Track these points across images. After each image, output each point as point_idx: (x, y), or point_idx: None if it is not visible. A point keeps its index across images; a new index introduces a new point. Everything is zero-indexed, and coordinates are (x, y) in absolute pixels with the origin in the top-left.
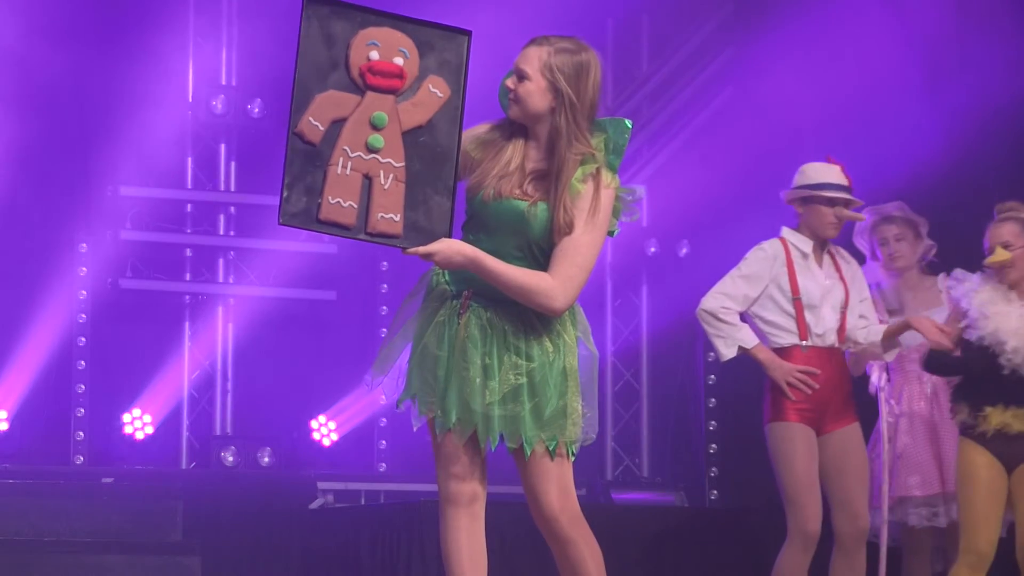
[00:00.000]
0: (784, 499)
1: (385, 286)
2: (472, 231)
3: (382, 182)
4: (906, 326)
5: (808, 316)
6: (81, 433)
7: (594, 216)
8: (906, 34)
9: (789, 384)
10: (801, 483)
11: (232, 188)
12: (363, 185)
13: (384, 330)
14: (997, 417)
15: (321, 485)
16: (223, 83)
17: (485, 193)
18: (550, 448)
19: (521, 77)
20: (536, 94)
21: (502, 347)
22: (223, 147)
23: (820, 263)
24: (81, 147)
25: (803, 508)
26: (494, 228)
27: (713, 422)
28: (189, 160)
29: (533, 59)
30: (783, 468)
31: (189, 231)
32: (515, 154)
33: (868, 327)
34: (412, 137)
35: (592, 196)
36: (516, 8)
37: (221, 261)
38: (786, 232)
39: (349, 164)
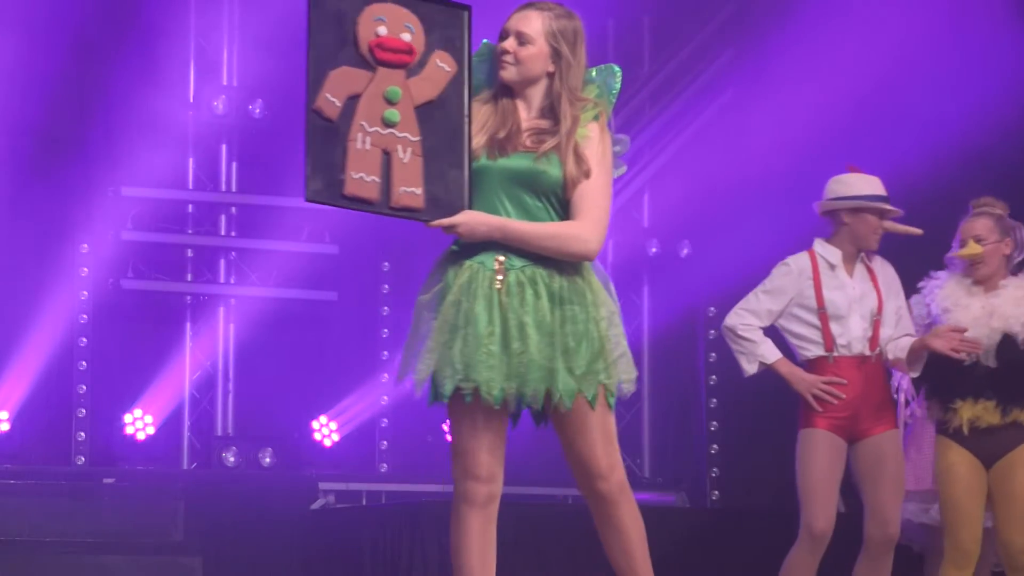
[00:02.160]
0: (799, 500)
1: (386, 286)
2: (481, 198)
3: (401, 156)
4: (923, 346)
5: (834, 327)
6: (82, 433)
7: (604, 158)
8: (907, 33)
9: (815, 396)
10: (815, 485)
11: (233, 189)
12: (383, 159)
13: (386, 330)
14: (967, 411)
15: (322, 485)
16: (224, 83)
17: (489, 152)
18: (591, 399)
19: (523, 41)
20: (539, 58)
21: (550, 301)
22: (224, 147)
23: (851, 272)
24: (82, 147)
25: (813, 508)
26: (505, 186)
27: (714, 423)
28: (190, 160)
29: (535, 23)
30: (800, 470)
31: (190, 232)
32: (508, 115)
33: (897, 341)
34: (424, 112)
35: (599, 139)
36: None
37: (222, 261)
38: (818, 244)
39: (368, 139)
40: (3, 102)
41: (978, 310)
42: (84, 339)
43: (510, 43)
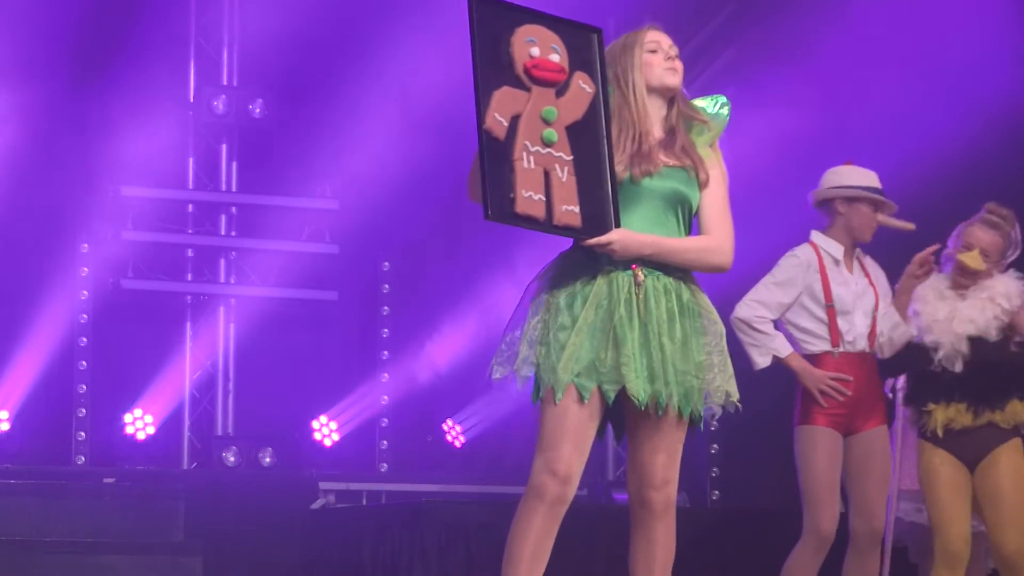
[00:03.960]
0: (803, 500)
1: (386, 286)
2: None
3: (559, 175)
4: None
5: (841, 323)
6: (83, 433)
7: (724, 176)
8: (907, 33)
9: (821, 392)
10: (820, 485)
11: (233, 188)
12: (544, 178)
13: (386, 330)
14: (941, 414)
15: (322, 485)
16: (224, 83)
17: (633, 172)
18: (696, 415)
19: (677, 54)
20: (681, 72)
21: (680, 314)
22: (224, 147)
23: (851, 268)
24: (82, 147)
25: (819, 509)
26: (651, 201)
27: (715, 423)
28: (190, 160)
29: (669, 41)
30: (804, 469)
31: (190, 231)
32: (645, 128)
33: (893, 329)
34: (572, 132)
35: (718, 159)
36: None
37: (222, 261)
38: (816, 237)
39: (532, 158)
40: (3, 102)
41: (945, 313)
42: (84, 339)
43: (672, 52)
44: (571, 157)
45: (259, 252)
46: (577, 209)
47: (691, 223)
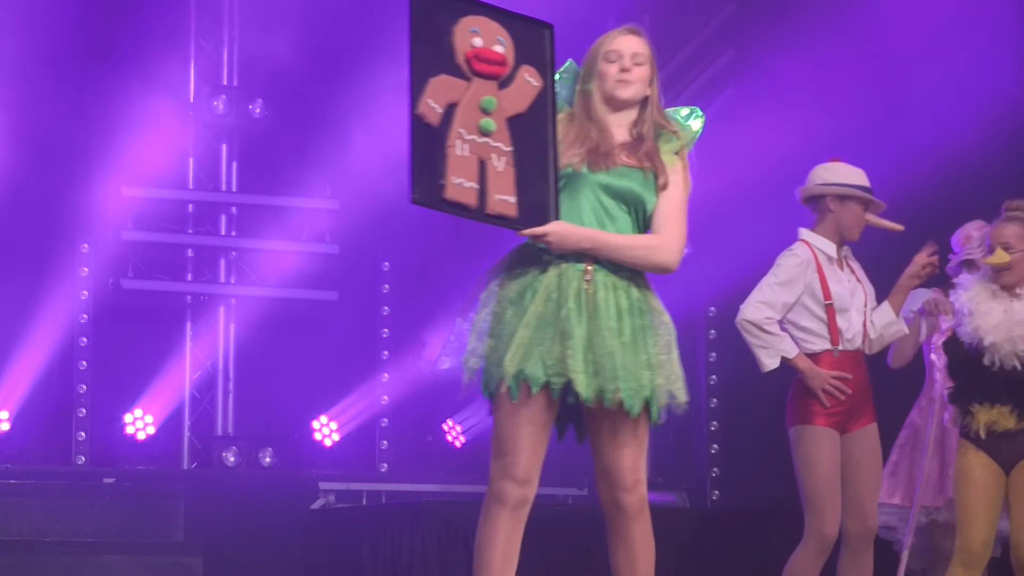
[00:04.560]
0: (804, 501)
1: (386, 286)
2: (566, 206)
3: (495, 164)
4: (907, 285)
5: (840, 321)
6: (83, 433)
7: (686, 184)
8: (908, 33)
9: (824, 391)
10: (823, 487)
11: (233, 188)
12: (479, 167)
13: (386, 330)
14: (984, 415)
15: (322, 485)
16: (224, 83)
17: (590, 164)
18: (652, 413)
19: (638, 62)
20: (645, 80)
21: (629, 312)
22: (224, 147)
23: (842, 266)
24: (83, 148)
25: (823, 512)
26: (599, 196)
27: (715, 422)
28: (190, 160)
29: (644, 47)
30: (806, 471)
31: (191, 231)
32: (604, 131)
33: (887, 327)
34: (514, 123)
35: (682, 167)
36: (515, 6)
37: (222, 261)
38: (807, 235)
39: (466, 146)
40: (3, 102)
41: (1000, 315)
42: (84, 339)
43: (627, 63)
44: (510, 148)
45: (259, 252)
46: (513, 199)
47: (647, 227)
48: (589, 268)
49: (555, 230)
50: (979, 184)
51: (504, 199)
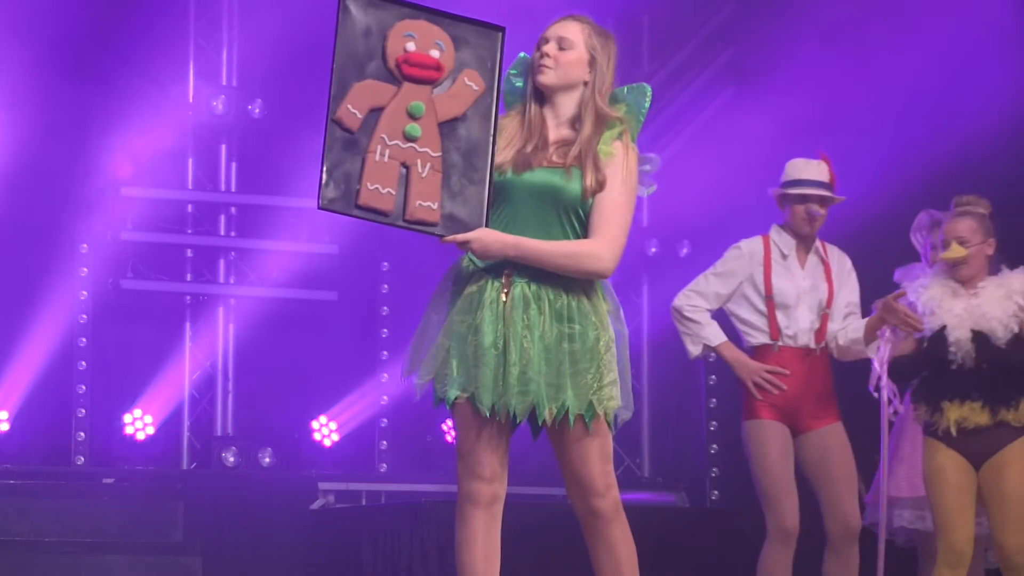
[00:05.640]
0: (760, 497)
1: (386, 286)
2: (501, 212)
3: (419, 171)
4: (880, 320)
5: (780, 316)
6: (82, 433)
7: (626, 177)
8: (907, 33)
9: (756, 384)
10: (775, 481)
11: (233, 188)
12: (401, 173)
13: (386, 330)
14: (954, 412)
15: (322, 486)
16: (223, 83)
17: (515, 167)
18: (587, 419)
19: (563, 46)
20: (578, 64)
21: (552, 319)
22: (224, 147)
23: (803, 263)
24: (82, 147)
25: (779, 505)
26: (526, 201)
27: (714, 422)
28: (190, 161)
29: (576, 32)
30: (757, 466)
31: (190, 232)
32: (535, 128)
33: (846, 326)
34: (448, 128)
35: (623, 157)
36: (514, 6)
37: (222, 261)
38: (774, 230)
39: (387, 152)
40: (3, 102)
41: (961, 311)
42: (84, 339)
43: (550, 47)
44: (438, 154)
45: (258, 252)
46: (435, 206)
47: (584, 227)
48: (507, 279)
49: (478, 237)
50: (979, 184)
51: (426, 205)
